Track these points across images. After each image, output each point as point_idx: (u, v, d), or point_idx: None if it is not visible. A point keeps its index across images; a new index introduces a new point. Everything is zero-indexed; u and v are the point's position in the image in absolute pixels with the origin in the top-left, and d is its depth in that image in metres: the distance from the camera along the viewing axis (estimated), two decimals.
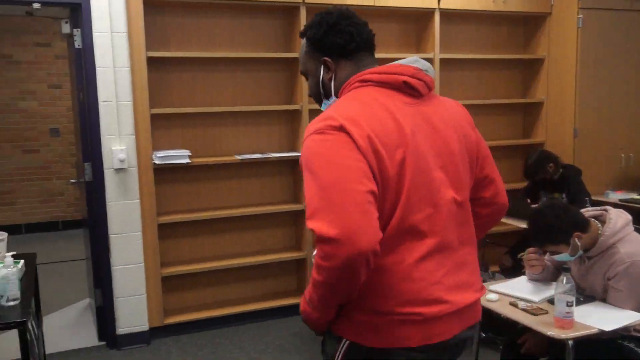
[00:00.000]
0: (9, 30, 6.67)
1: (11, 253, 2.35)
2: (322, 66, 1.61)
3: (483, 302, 2.68)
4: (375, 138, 1.40)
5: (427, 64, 1.58)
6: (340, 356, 1.51)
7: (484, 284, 1.68)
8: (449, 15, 4.59)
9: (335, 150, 1.38)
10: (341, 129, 1.39)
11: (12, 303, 2.21)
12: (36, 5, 3.39)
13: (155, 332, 3.92)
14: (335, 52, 1.59)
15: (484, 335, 3.37)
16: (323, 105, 1.66)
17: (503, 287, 2.75)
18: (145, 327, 3.87)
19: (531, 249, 2.79)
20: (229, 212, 4.07)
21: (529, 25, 4.99)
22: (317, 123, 1.45)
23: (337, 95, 1.61)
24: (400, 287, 1.44)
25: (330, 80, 1.61)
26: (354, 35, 1.57)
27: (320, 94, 1.65)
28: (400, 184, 1.42)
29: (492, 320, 3.43)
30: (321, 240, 1.32)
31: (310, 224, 1.35)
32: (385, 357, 1.47)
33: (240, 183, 4.24)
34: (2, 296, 2.21)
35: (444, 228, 1.49)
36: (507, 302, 2.61)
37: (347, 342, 1.50)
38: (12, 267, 2.23)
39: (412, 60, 1.55)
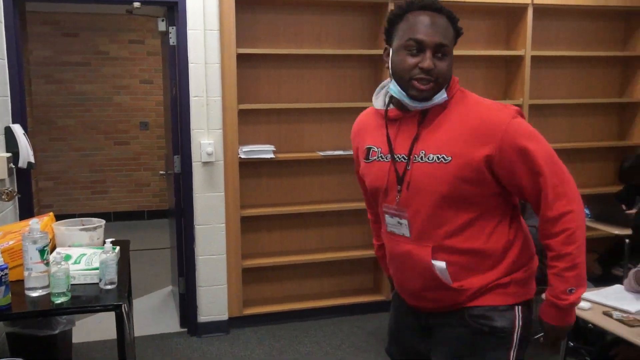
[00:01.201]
0: (107, 28, 7.04)
1: (110, 239, 2.46)
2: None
3: None
4: None
5: None
6: (520, 320, 1.67)
7: None
8: (542, 11, 4.41)
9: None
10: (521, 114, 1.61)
11: (109, 287, 2.31)
12: (136, 4, 3.54)
13: (235, 322, 4.02)
14: None
15: (571, 344, 3.22)
16: (441, 94, 1.61)
17: (596, 296, 2.61)
18: (225, 316, 3.97)
19: None
20: (309, 208, 4.12)
21: (630, 20, 4.71)
22: (505, 108, 1.59)
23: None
24: (530, 241, 1.74)
25: None
26: None
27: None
28: None
29: (578, 329, 3.29)
30: (577, 202, 1.57)
31: (566, 188, 1.56)
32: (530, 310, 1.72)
33: (322, 179, 4.27)
34: (101, 279, 2.32)
35: None
36: (600, 311, 2.48)
37: (520, 305, 1.67)
38: (110, 252, 2.34)
39: None
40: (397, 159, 1.67)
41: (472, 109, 1.61)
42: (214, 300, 3.94)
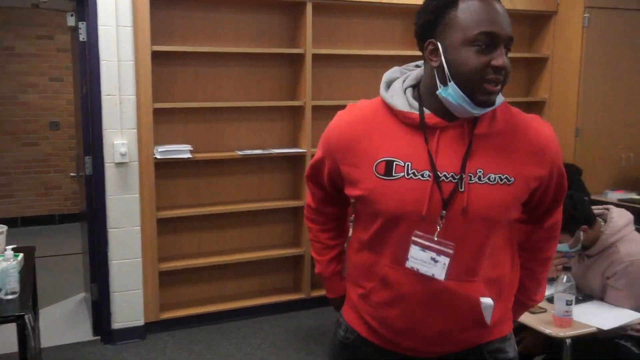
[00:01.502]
0: (12, 22, 6.64)
1: (11, 246, 2.34)
2: None
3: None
4: None
5: None
6: (515, 343, 1.56)
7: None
8: None
9: None
10: None
11: (11, 296, 2.20)
12: None
13: (151, 327, 3.92)
14: None
15: None
16: (500, 96, 1.38)
17: None
18: (140, 322, 3.86)
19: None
20: (228, 208, 4.08)
21: (534, 23, 4.99)
22: (540, 119, 1.48)
23: None
24: None
25: None
26: None
27: None
28: None
29: None
30: None
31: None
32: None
33: (241, 179, 4.23)
34: (1, 289, 2.20)
35: None
36: None
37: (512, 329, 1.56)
38: (12, 260, 2.23)
39: None
40: (444, 178, 1.34)
41: (521, 121, 1.41)
42: (129, 305, 3.82)
